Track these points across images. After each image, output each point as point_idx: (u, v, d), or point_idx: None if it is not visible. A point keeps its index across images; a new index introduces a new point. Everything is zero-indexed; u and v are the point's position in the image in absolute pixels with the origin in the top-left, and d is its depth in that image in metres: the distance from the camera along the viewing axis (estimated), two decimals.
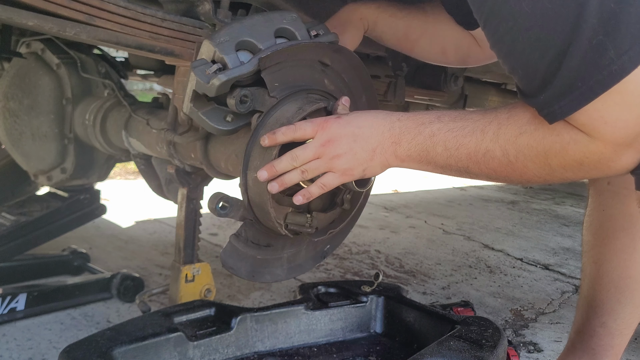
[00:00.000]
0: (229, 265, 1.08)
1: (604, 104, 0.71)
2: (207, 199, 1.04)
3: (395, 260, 2.50)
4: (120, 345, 0.96)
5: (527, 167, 0.81)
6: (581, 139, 0.75)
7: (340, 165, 0.94)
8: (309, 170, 0.96)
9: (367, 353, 1.18)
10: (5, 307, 1.59)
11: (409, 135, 0.90)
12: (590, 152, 0.75)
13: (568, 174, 0.80)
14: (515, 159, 0.81)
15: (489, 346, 1.01)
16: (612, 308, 1.27)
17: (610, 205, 1.27)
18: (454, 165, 0.87)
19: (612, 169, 0.77)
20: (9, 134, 1.62)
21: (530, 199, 4.37)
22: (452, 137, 0.85)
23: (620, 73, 0.69)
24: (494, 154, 0.82)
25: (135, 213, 2.92)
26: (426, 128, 0.88)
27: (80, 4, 0.92)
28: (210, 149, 1.18)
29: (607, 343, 1.29)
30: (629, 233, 1.25)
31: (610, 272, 1.27)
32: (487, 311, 1.99)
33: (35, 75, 1.58)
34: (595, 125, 0.73)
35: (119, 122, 1.46)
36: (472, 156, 0.84)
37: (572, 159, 0.77)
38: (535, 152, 0.79)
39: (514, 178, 0.84)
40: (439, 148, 0.87)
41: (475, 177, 0.88)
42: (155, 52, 1.05)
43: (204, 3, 1.08)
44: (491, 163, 0.83)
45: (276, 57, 1.03)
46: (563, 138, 0.76)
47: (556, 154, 0.78)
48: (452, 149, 0.85)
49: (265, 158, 1.00)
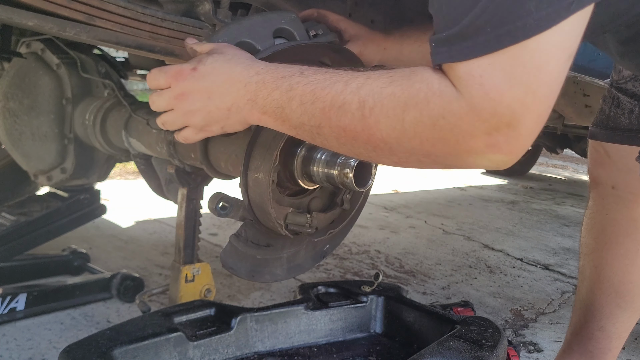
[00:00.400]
0: (229, 265, 1.08)
1: (492, 63, 0.63)
2: (207, 199, 1.04)
3: (395, 260, 2.50)
4: (120, 345, 0.96)
5: (379, 123, 0.71)
6: (449, 93, 0.66)
7: (196, 121, 0.90)
8: (167, 122, 0.92)
9: (367, 353, 1.18)
10: (5, 307, 1.59)
11: (265, 91, 0.82)
12: (449, 112, 0.66)
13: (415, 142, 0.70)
14: (370, 112, 0.71)
15: (489, 346, 1.01)
16: (611, 312, 1.27)
17: (614, 209, 1.26)
18: (307, 124, 0.78)
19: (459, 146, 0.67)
20: (9, 134, 1.62)
21: (530, 199, 4.37)
22: (309, 91, 0.77)
23: (534, 29, 0.60)
24: (350, 107, 0.73)
25: (135, 213, 2.92)
26: (285, 82, 0.80)
27: (80, 4, 0.92)
28: (210, 149, 1.18)
29: (604, 346, 1.29)
30: (633, 239, 1.24)
31: (612, 276, 1.26)
32: (487, 311, 1.99)
33: (35, 75, 1.58)
34: (470, 82, 0.64)
35: (119, 122, 1.46)
36: (326, 111, 0.75)
37: (429, 114, 0.67)
38: (396, 102, 0.69)
39: (361, 140, 0.74)
40: (294, 103, 0.78)
41: (322, 142, 0.80)
42: (155, 52, 1.05)
43: (204, 3, 1.08)
44: (343, 119, 0.74)
45: (276, 58, 1.03)
46: (431, 87, 0.67)
47: (416, 104, 0.68)
48: (307, 103, 0.77)
49: (265, 159, 1.00)
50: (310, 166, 1.04)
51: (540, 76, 0.63)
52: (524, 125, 0.64)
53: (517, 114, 0.63)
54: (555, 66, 0.63)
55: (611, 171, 1.25)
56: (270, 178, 1.00)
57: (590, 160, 1.30)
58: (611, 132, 1.22)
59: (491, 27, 0.62)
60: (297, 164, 1.05)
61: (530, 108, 0.64)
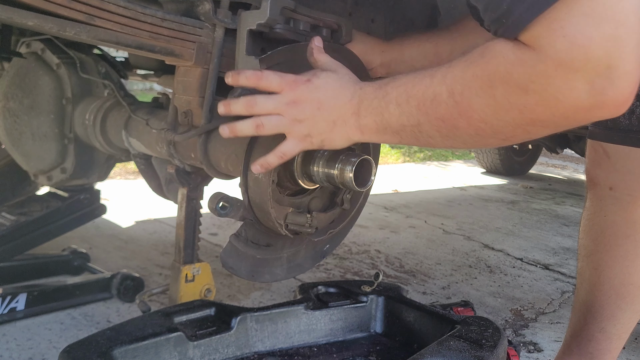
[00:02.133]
0: (229, 265, 1.08)
1: (569, 12, 0.60)
2: (207, 199, 1.04)
3: (395, 260, 2.50)
4: (120, 345, 0.96)
5: (472, 105, 0.72)
6: (529, 57, 0.65)
7: (299, 130, 0.90)
8: (267, 125, 0.91)
9: (367, 353, 1.18)
10: (5, 307, 1.59)
11: (367, 102, 0.85)
12: (536, 75, 0.64)
13: (513, 113, 0.69)
14: (461, 97, 0.73)
15: (489, 346, 1.01)
16: (612, 314, 1.26)
17: (612, 211, 1.25)
18: (407, 124, 0.80)
19: (560, 104, 0.65)
20: (9, 134, 1.62)
21: (530, 199, 4.37)
22: (402, 91, 0.80)
23: None
24: (441, 98, 0.75)
25: (135, 213, 2.92)
26: (381, 90, 0.84)
27: (80, 4, 0.92)
28: (210, 148, 1.18)
29: (605, 347, 1.28)
30: (632, 240, 1.23)
31: (612, 278, 1.25)
32: (487, 311, 1.99)
33: (35, 75, 1.58)
34: (552, 37, 0.62)
35: (119, 122, 1.46)
36: (421, 106, 0.77)
37: (516, 83, 0.67)
38: (481, 82, 0.70)
39: (462, 125, 0.75)
40: (392, 106, 0.81)
41: (427, 140, 0.81)
42: (155, 52, 1.05)
43: (204, 3, 1.08)
44: (439, 109, 0.76)
45: (276, 58, 1.03)
46: (508, 59, 0.67)
47: (501, 79, 0.68)
48: (403, 104, 0.80)
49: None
50: (310, 166, 1.04)
51: (624, 5, 0.60)
52: (625, 61, 0.62)
53: (613, 52, 0.61)
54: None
55: (609, 172, 1.24)
56: (270, 178, 1.00)
57: (589, 160, 1.30)
58: (610, 132, 1.22)
59: None
60: (297, 164, 1.05)
61: (625, 42, 0.61)
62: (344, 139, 0.91)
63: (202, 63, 1.13)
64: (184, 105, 1.20)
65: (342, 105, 0.88)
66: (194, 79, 1.16)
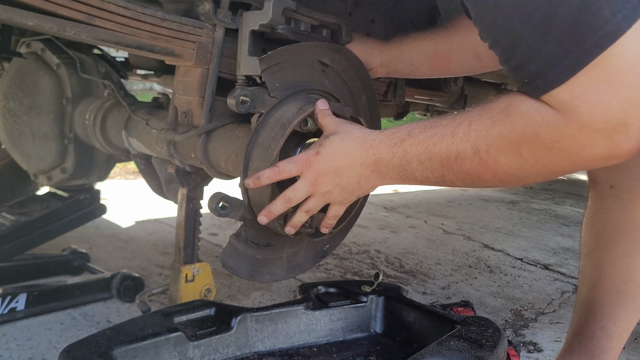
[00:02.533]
0: (229, 265, 1.08)
1: (589, 79, 0.66)
2: (207, 199, 1.04)
3: (395, 260, 2.50)
4: (120, 345, 0.96)
5: (498, 162, 0.77)
6: (555, 120, 0.70)
7: (334, 198, 0.99)
8: (311, 209, 1.01)
9: (367, 353, 1.18)
10: (5, 307, 1.59)
11: (384, 161, 0.90)
12: (561, 136, 0.70)
13: (538, 167, 0.75)
14: (487, 154, 0.77)
15: (489, 346, 1.01)
16: (612, 311, 1.27)
17: (613, 209, 1.25)
18: (431, 177, 0.86)
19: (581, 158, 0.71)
20: (9, 134, 1.62)
21: (530, 199, 4.37)
22: (423, 150, 0.84)
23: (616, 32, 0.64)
24: (465, 155, 0.79)
25: (135, 213, 2.92)
26: (398, 149, 0.88)
27: (80, 4, 0.92)
28: (210, 148, 1.18)
29: (605, 345, 1.28)
30: (632, 237, 1.24)
31: (613, 276, 1.26)
32: (487, 311, 1.99)
33: (35, 75, 1.58)
34: (575, 103, 0.67)
35: (119, 122, 1.46)
36: (444, 163, 0.82)
37: (542, 143, 0.72)
38: (507, 141, 0.75)
39: (487, 178, 0.81)
40: (414, 164, 0.86)
41: (452, 185, 0.87)
42: (155, 52, 1.05)
43: (204, 3, 1.08)
44: (463, 165, 0.80)
45: (276, 58, 1.03)
46: (535, 120, 0.72)
47: (527, 139, 0.73)
48: (425, 162, 0.85)
49: (266, 159, 1.00)
50: None
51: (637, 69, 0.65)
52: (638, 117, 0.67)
53: (629, 112, 0.67)
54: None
55: (610, 171, 1.25)
56: None
57: None
58: None
59: (576, 46, 0.65)
60: None
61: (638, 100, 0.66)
62: (373, 188, 0.99)
63: (202, 63, 1.13)
64: (184, 105, 1.20)
65: (358, 167, 0.94)
66: (194, 79, 1.16)
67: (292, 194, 0.99)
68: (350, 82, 1.16)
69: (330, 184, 0.97)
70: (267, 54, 1.02)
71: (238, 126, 1.16)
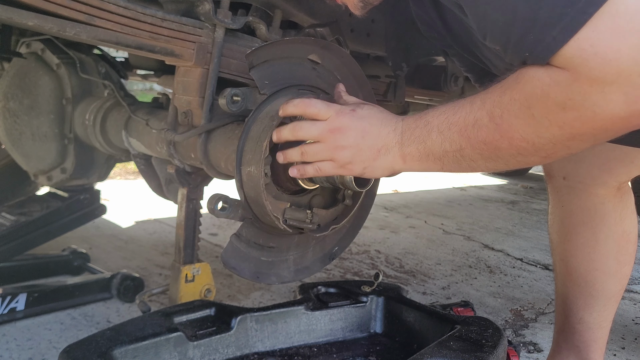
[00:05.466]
0: (231, 266, 1.08)
1: (595, 29, 0.64)
2: (207, 200, 1.04)
3: (395, 260, 2.50)
4: (120, 345, 0.96)
5: (513, 126, 0.75)
6: (564, 79, 0.69)
7: (342, 157, 0.93)
8: (309, 153, 0.95)
9: (367, 353, 1.18)
10: (5, 307, 1.59)
11: (409, 131, 0.88)
12: (573, 93, 0.68)
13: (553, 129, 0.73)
14: (501, 119, 0.76)
15: (489, 346, 1.01)
16: (585, 303, 1.29)
17: (568, 200, 1.27)
18: (449, 150, 0.84)
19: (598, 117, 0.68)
20: (9, 134, 1.62)
21: (530, 199, 4.37)
22: (444, 119, 0.84)
23: None
24: (482, 122, 0.78)
25: (135, 213, 2.92)
26: (422, 119, 0.87)
27: (80, 4, 0.92)
28: (210, 148, 1.18)
29: (588, 338, 1.30)
30: (589, 227, 1.25)
31: (578, 267, 1.28)
32: (487, 311, 1.99)
33: (35, 75, 1.58)
34: (583, 56, 0.66)
35: (119, 122, 1.46)
36: (463, 132, 0.81)
37: (554, 102, 0.70)
38: (519, 105, 0.74)
39: (504, 147, 0.78)
40: (434, 134, 0.85)
41: (471, 163, 0.84)
42: (155, 52, 1.05)
43: (204, 3, 1.08)
44: (480, 133, 0.79)
45: (262, 54, 1.03)
46: (544, 82, 0.71)
47: (538, 99, 0.72)
48: (445, 131, 0.83)
49: (256, 152, 1.00)
50: None
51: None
52: None
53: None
54: None
55: (561, 162, 1.26)
56: (262, 169, 1.00)
57: None
58: None
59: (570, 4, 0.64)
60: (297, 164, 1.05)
61: None
62: (387, 169, 0.93)
63: (202, 63, 1.13)
64: (184, 105, 1.20)
65: (386, 134, 0.90)
66: (194, 79, 1.16)
67: (306, 125, 0.94)
68: (343, 80, 1.16)
69: (350, 140, 0.91)
70: (252, 49, 1.02)
71: (238, 126, 1.16)
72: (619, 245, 1.26)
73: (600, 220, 1.25)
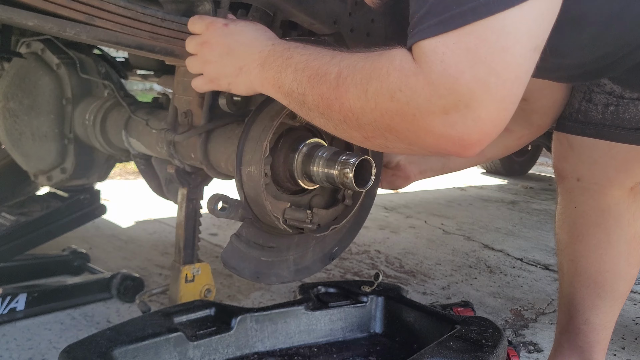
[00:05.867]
0: (231, 266, 1.08)
1: (456, 42, 0.62)
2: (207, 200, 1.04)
3: (395, 260, 2.50)
4: (120, 345, 0.96)
5: (348, 92, 0.73)
6: (408, 68, 0.67)
7: (209, 71, 0.97)
8: (188, 64, 1.00)
9: (367, 353, 1.18)
10: (5, 307, 1.59)
11: (272, 58, 0.87)
12: (406, 86, 0.66)
13: (375, 114, 0.71)
14: (344, 81, 0.74)
15: (489, 346, 1.01)
16: (593, 304, 1.28)
17: (581, 201, 1.27)
18: (295, 91, 0.82)
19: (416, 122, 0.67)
20: (9, 134, 1.62)
21: (530, 199, 4.37)
22: (303, 60, 0.82)
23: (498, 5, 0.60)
24: (330, 77, 0.76)
25: (135, 213, 2.92)
26: (288, 51, 0.86)
27: (80, 4, 0.92)
28: (210, 149, 1.18)
29: (592, 339, 1.29)
30: (603, 228, 1.25)
31: (588, 268, 1.28)
32: (487, 311, 1.99)
33: (35, 75, 1.58)
34: (431, 58, 0.64)
35: (119, 122, 1.46)
36: (311, 78, 0.79)
37: (388, 86, 0.68)
38: (362, 75, 0.72)
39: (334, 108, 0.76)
40: (289, 70, 0.83)
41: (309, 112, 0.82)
42: (155, 52, 1.05)
43: (204, 3, 1.08)
44: (322, 86, 0.77)
45: None
46: (393, 63, 0.69)
47: (378, 76, 0.70)
48: (299, 71, 0.82)
49: (256, 152, 1.01)
50: (310, 166, 1.04)
51: (505, 58, 0.62)
52: (484, 108, 0.63)
53: (476, 95, 0.62)
54: (521, 51, 0.63)
55: (575, 164, 1.26)
56: (262, 169, 1.00)
57: (555, 154, 1.32)
58: (581, 125, 1.23)
59: (456, 5, 0.62)
60: (297, 164, 1.05)
61: (491, 91, 0.62)
62: (247, 87, 0.94)
63: None
64: (184, 105, 1.20)
65: (250, 54, 0.91)
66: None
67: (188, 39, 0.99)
68: None
69: (215, 56, 0.95)
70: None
71: (238, 126, 1.16)
72: (630, 247, 1.26)
73: (614, 221, 1.24)
